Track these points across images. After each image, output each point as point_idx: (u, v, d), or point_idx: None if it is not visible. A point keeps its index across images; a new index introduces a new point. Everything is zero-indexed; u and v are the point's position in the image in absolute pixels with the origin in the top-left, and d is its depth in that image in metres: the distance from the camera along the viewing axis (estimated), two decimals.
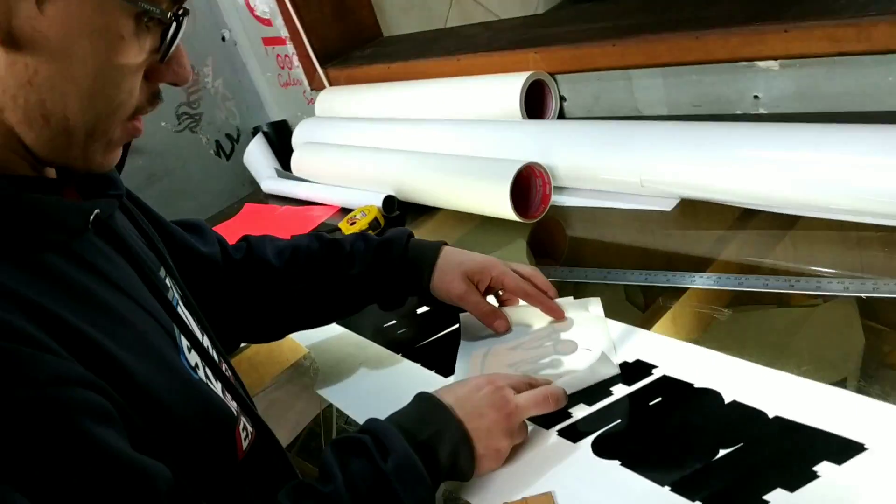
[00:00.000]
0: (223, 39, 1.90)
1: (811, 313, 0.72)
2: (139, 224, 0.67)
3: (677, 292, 0.81)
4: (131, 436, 0.47)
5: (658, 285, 0.84)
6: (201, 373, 0.60)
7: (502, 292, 0.88)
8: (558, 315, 0.83)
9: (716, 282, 0.81)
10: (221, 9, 1.88)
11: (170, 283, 0.65)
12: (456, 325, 0.90)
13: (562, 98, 1.34)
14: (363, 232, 1.02)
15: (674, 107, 1.21)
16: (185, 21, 0.52)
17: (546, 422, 0.69)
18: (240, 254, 0.86)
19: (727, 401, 0.64)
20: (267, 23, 1.82)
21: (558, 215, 1.10)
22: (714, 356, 0.70)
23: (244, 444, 0.61)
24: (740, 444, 0.60)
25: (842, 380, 0.63)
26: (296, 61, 1.83)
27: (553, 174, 1.09)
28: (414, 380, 0.83)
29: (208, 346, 0.64)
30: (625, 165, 1.01)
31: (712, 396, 0.65)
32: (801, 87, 1.05)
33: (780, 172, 0.85)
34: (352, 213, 1.24)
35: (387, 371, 0.87)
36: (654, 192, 1.00)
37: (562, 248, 1.06)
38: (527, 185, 1.11)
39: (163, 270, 0.65)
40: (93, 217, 0.53)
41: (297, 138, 1.66)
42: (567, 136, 1.11)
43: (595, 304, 0.84)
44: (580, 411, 0.69)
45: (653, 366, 0.72)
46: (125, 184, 0.64)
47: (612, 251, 1.00)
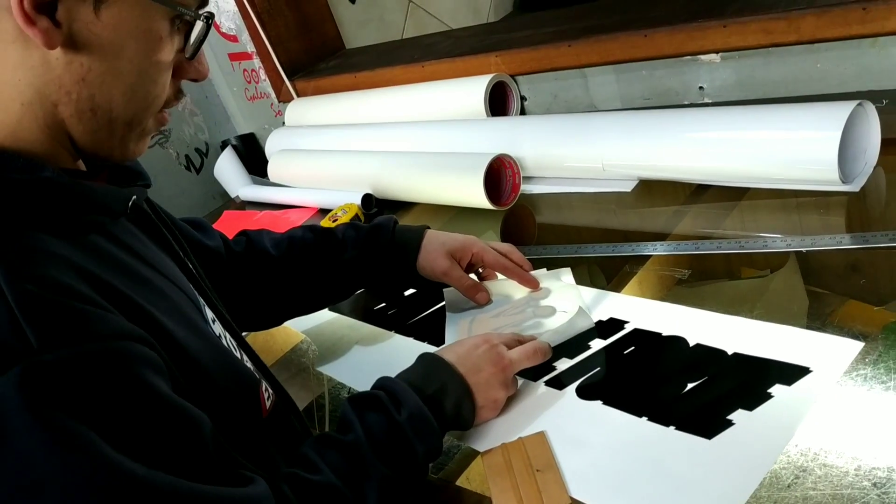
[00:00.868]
0: None
1: (760, 283, 0.82)
2: (158, 213, 0.73)
3: (642, 259, 0.90)
4: (174, 388, 0.52)
5: (624, 254, 0.93)
6: (225, 342, 0.66)
7: (482, 270, 0.96)
8: (534, 286, 0.91)
9: (675, 248, 0.90)
10: None
11: (190, 265, 0.71)
12: (441, 303, 0.97)
13: (522, 98, 1.43)
14: (352, 221, 1.08)
15: (627, 101, 1.32)
16: (212, 22, 0.59)
17: (534, 375, 0.77)
18: (240, 247, 0.92)
19: (692, 344, 0.73)
20: (233, 39, 1.88)
21: (527, 203, 1.19)
22: (678, 309, 0.79)
23: (268, 404, 0.68)
24: (705, 378, 0.69)
25: None
26: (262, 75, 1.89)
27: (521, 165, 1.18)
28: (409, 350, 0.89)
29: (229, 319, 0.71)
30: (587, 153, 1.10)
31: (679, 342, 0.74)
32: (740, 76, 1.16)
33: (726, 150, 0.95)
34: (332, 211, 1.31)
35: (382, 346, 0.94)
36: (615, 175, 1.09)
37: (532, 233, 1.14)
38: (497, 177, 1.19)
39: (181, 253, 0.71)
40: (131, 203, 0.60)
41: (270, 147, 1.72)
42: (532, 129, 1.20)
43: (566, 274, 0.93)
44: (563, 364, 0.77)
45: (624, 321, 0.80)
46: None
47: (579, 231, 1.09)
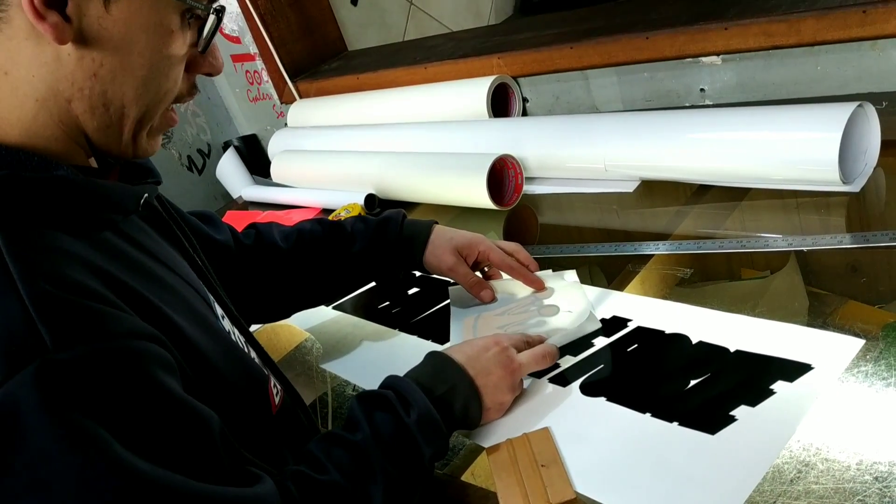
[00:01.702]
0: None
1: (761, 283, 0.83)
2: (168, 209, 0.74)
3: (644, 259, 0.91)
4: (184, 386, 0.53)
5: (626, 254, 0.94)
6: (234, 338, 0.67)
7: (488, 268, 0.97)
8: (539, 286, 0.92)
9: (677, 247, 0.91)
10: None
11: (200, 261, 0.72)
12: (445, 302, 0.98)
13: (524, 99, 1.45)
14: (361, 215, 1.09)
15: (628, 103, 1.33)
16: (223, 16, 0.59)
17: (539, 372, 0.77)
18: (249, 240, 0.93)
19: (694, 342, 0.74)
20: (235, 40, 1.89)
21: (530, 203, 1.20)
22: (681, 307, 0.80)
23: (276, 400, 0.68)
24: (707, 375, 0.69)
25: None
26: (265, 76, 1.90)
27: (523, 165, 1.19)
28: (413, 349, 0.90)
29: (238, 316, 0.71)
30: (589, 153, 1.11)
31: (681, 339, 0.75)
32: (741, 78, 1.17)
33: (727, 151, 0.96)
34: (335, 211, 1.32)
35: (386, 343, 0.95)
36: (617, 175, 1.10)
37: (534, 233, 1.15)
38: (500, 177, 1.20)
39: (192, 250, 0.72)
40: (142, 200, 0.61)
41: (272, 148, 1.73)
42: (534, 130, 1.21)
43: (571, 275, 0.94)
44: (567, 362, 0.78)
45: (627, 320, 0.81)
46: None
47: (581, 231, 1.10)
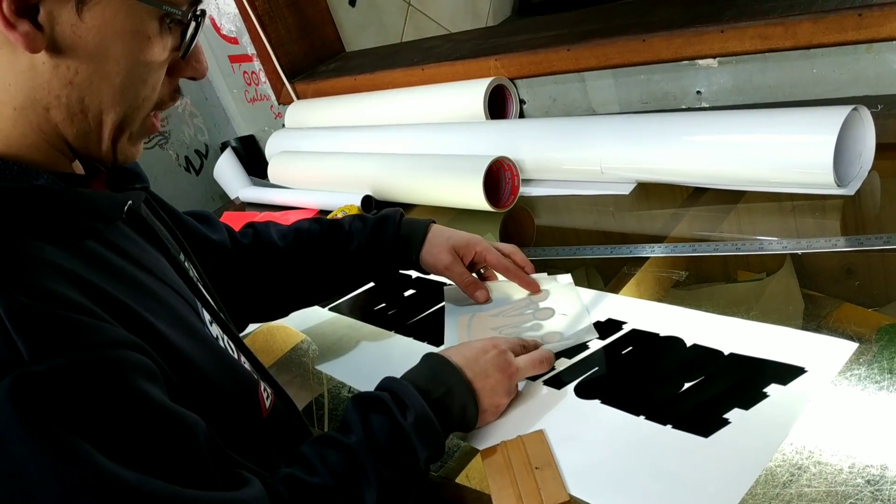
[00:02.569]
0: None
1: (756, 285, 0.83)
2: (158, 213, 0.73)
3: (640, 261, 0.91)
4: (169, 394, 0.52)
5: (622, 256, 0.94)
6: (222, 343, 0.67)
7: (484, 270, 0.97)
8: (534, 289, 0.92)
9: (673, 250, 0.91)
10: None
11: (188, 266, 0.72)
12: (441, 304, 0.98)
13: (521, 101, 1.45)
14: (359, 213, 1.09)
15: (625, 105, 1.33)
16: (203, 21, 0.59)
17: (534, 375, 0.77)
18: (247, 239, 0.93)
19: (689, 344, 0.74)
20: (233, 41, 1.89)
21: (526, 205, 1.20)
22: (675, 310, 0.80)
23: (267, 404, 0.68)
24: (702, 378, 0.70)
25: None
26: (263, 77, 1.90)
27: (520, 167, 1.19)
28: (409, 350, 0.90)
29: (227, 321, 0.71)
30: (586, 156, 1.11)
31: (676, 342, 0.75)
32: (737, 81, 1.17)
33: (723, 153, 0.96)
34: (332, 213, 1.32)
35: (382, 345, 0.95)
36: (613, 178, 1.10)
37: (531, 235, 1.15)
38: (497, 179, 1.20)
39: (182, 255, 0.72)
40: (126, 207, 0.61)
41: (270, 149, 1.73)
42: (531, 132, 1.21)
43: (566, 279, 0.94)
44: (562, 364, 0.78)
45: (622, 322, 0.81)
46: None
47: (577, 234, 1.10)
